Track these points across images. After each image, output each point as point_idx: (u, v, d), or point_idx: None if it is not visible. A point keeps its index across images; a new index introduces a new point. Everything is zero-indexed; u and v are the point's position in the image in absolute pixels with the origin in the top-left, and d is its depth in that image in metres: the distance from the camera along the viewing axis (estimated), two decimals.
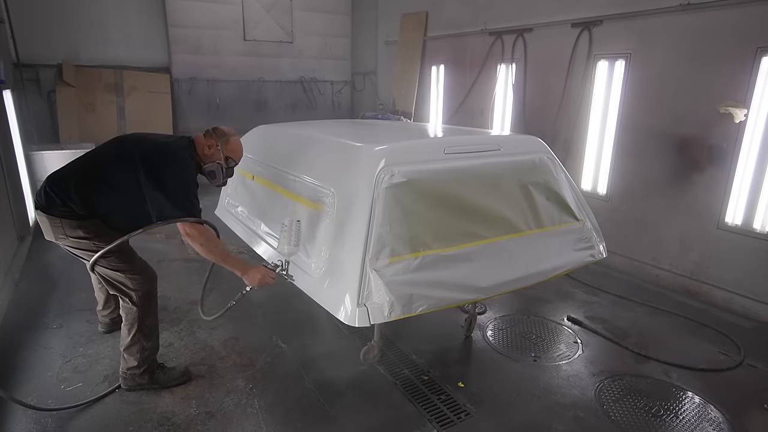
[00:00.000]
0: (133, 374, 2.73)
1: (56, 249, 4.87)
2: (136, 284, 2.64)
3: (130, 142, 2.65)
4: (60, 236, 2.54)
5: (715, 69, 3.82)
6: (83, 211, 2.50)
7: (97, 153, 2.67)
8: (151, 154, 2.50)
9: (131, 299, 2.64)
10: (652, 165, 4.35)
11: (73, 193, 2.47)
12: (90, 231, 2.54)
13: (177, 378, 2.84)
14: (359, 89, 8.59)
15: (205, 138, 2.73)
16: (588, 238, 3.10)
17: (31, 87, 6.02)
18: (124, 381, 2.75)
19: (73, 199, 2.48)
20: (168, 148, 2.59)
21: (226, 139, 2.75)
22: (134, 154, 2.48)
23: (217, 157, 2.74)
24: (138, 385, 2.75)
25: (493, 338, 3.46)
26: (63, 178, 2.52)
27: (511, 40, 5.65)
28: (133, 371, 2.72)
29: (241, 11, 7.14)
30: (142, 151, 2.50)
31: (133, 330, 2.66)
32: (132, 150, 2.52)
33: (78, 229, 2.52)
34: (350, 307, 2.28)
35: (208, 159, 2.73)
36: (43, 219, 2.52)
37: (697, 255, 4.10)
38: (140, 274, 2.68)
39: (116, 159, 2.55)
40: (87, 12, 6.28)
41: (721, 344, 3.43)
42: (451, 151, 2.71)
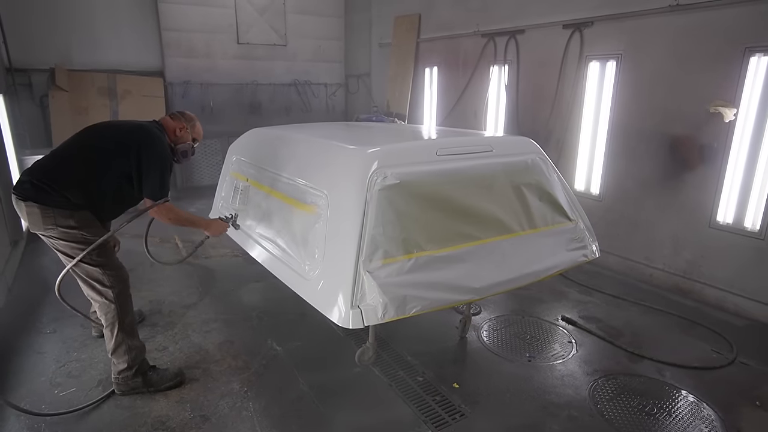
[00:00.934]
0: (126, 377, 2.72)
1: (50, 253, 4.85)
2: (113, 281, 2.66)
3: (120, 130, 2.78)
4: (49, 227, 2.54)
5: (705, 69, 3.85)
6: (80, 200, 2.57)
7: (86, 142, 2.70)
8: (147, 142, 2.68)
9: (107, 297, 2.65)
10: (645, 165, 4.38)
11: (71, 182, 2.54)
12: (80, 221, 2.58)
13: (171, 379, 2.84)
14: (353, 91, 8.60)
15: (174, 121, 2.98)
16: (581, 238, 3.12)
17: (23, 92, 5.99)
18: (118, 386, 2.74)
19: (70, 189, 2.53)
20: (153, 134, 2.76)
21: (193, 123, 3.07)
22: (131, 143, 2.64)
23: (188, 138, 3.02)
24: (132, 389, 2.74)
25: (488, 339, 3.47)
26: (56, 169, 2.57)
27: (503, 41, 5.68)
28: (124, 374, 2.72)
29: (235, 15, 7.14)
30: (138, 139, 2.67)
31: (115, 330, 2.67)
32: (128, 138, 2.67)
33: (69, 219, 2.55)
34: (344, 309, 2.29)
35: (179, 140, 2.97)
36: (33, 209, 2.51)
37: (690, 254, 4.13)
38: (116, 271, 2.70)
39: (116, 147, 2.65)
40: (80, 16, 6.26)
41: (713, 342, 3.46)
42: (444, 153, 2.72)
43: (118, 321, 2.67)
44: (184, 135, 2.99)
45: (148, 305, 3.85)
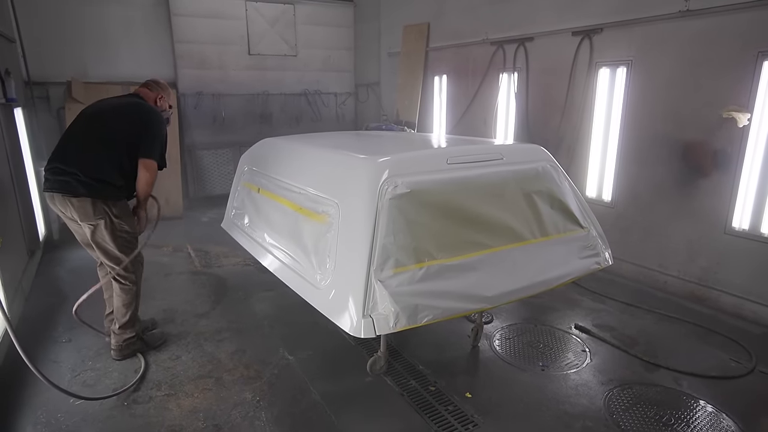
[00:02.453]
0: (130, 343, 3.22)
1: (66, 262, 4.96)
2: (137, 271, 3.17)
3: (122, 113, 3.06)
4: (99, 216, 2.92)
5: (717, 74, 3.82)
6: (121, 181, 2.98)
7: (100, 133, 2.98)
8: (150, 117, 3.06)
9: (131, 281, 3.12)
10: (657, 170, 4.34)
11: (110, 172, 2.91)
12: (120, 210, 3.01)
13: (159, 339, 3.41)
14: (363, 100, 8.65)
15: (152, 92, 3.24)
16: (593, 245, 3.10)
17: (41, 104, 6.12)
18: (121, 350, 3.19)
19: (111, 177, 2.92)
20: (151, 109, 3.12)
21: (168, 91, 3.34)
22: (137, 117, 3.02)
23: (166, 106, 3.29)
24: (133, 351, 3.23)
25: (501, 348, 3.45)
26: (93, 165, 2.89)
27: (512, 49, 5.68)
28: (130, 340, 3.22)
29: (246, 26, 7.24)
30: (141, 114, 3.04)
31: (130, 309, 3.15)
32: (133, 117, 3.03)
33: (114, 208, 2.96)
34: (356, 318, 2.29)
35: (159, 108, 3.22)
36: (84, 203, 2.88)
37: (705, 260, 4.07)
38: (140, 265, 3.21)
39: (128, 128, 2.99)
40: (95, 30, 6.39)
41: (731, 351, 3.39)
42: (454, 161, 2.73)
43: (130, 308, 3.15)
44: (163, 103, 3.26)
45: (162, 314, 3.88)
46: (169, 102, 3.34)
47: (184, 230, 6.24)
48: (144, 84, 3.27)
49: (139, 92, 3.22)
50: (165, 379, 3.02)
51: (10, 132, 4.36)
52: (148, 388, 2.92)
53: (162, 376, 3.05)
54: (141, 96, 3.19)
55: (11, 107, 4.45)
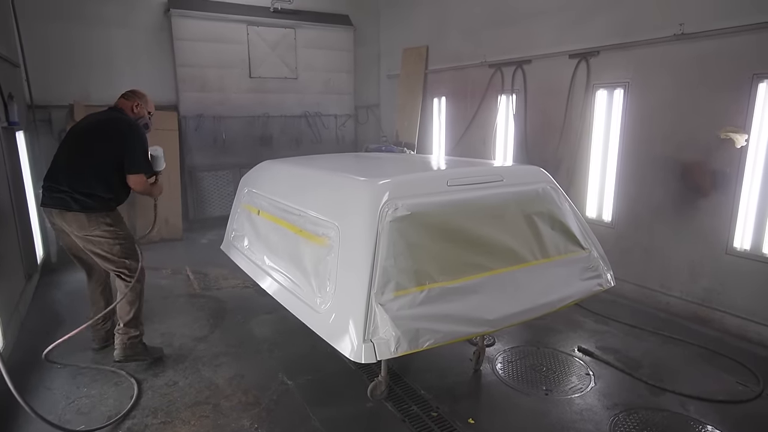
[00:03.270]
0: (133, 342, 3.34)
1: (63, 286, 4.92)
2: (140, 276, 3.32)
3: (103, 130, 3.26)
4: (93, 227, 3.16)
5: (714, 96, 3.86)
6: (109, 194, 3.21)
7: (86, 150, 3.20)
8: (129, 130, 3.26)
9: (134, 288, 3.30)
10: (656, 191, 4.35)
11: (97, 185, 3.14)
12: (114, 219, 3.26)
13: (158, 353, 3.50)
14: (362, 122, 8.72)
15: (129, 101, 3.43)
16: (595, 266, 3.07)
17: (43, 127, 6.15)
18: (125, 350, 3.31)
19: (99, 190, 3.14)
20: (130, 122, 3.32)
21: (145, 98, 3.51)
22: (117, 135, 3.21)
23: (144, 113, 3.47)
24: (135, 354, 3.35)
25: (503, 371, 3.39)
26: (83, 181, 3.12)
27: (510, 71, 5.76)
28: (135, 339, 3.34)
29: (247, 50, 7.34)
30: (118, 130, 3.23)
31: (134, 308, 3.32)
32: (113, 133, 3.22)
33: (107, 218, 3.21)
34: (356, 343, 2.25)
35: (137, 115, 3.43)
36: (79, 216, 3.13)
37: (708, 281, 4.04)
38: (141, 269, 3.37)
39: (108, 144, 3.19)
40: (99, 54, 6.48)
41: (738, 374, 3.34)
42: (455, 183, 2.72)
43: (134, 309, 3.33)
44: (141, 110, 3.46)
45: (159, 338, 3.83)
46: (147, 108, 3.51)
47: (184, 252, 6.21)
48: (122, 95, 3.48)
49: (118, 104, 3.45)
50: (161, 406, 2.95)
51: (12, 155, 4.37)
52: (143, 415, 2.86)
53: (158, 402, 2.99)
54: (120, 107, 3.42)
55: (13, 131, 4.47)
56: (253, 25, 7.31)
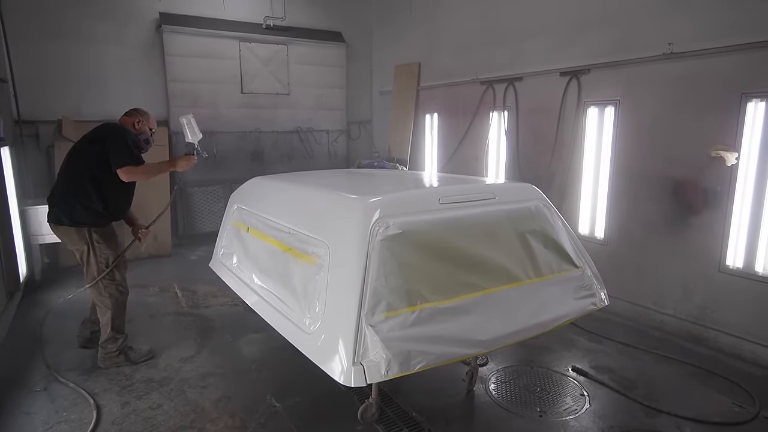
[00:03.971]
0: (111, 356, 3.52)
1: (47, 305, 4.80)
2: (113, 292, 3.46)
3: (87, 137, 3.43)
4: (82, 242, 3.36)
5: (703, 114, 3.89)
6: (99, 206, 3.34)
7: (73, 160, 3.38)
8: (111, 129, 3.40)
9: (105, 304, 3.44)
10: (648, 208, 4.35)
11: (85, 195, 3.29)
12: (103, 235, 3.40)
13: (144, 356, 3.65)
14: (355, 138, 8.73)
15: (131, 117, 3.56)
16: (588, 285, 3.04)
17: (30, 142, 6.07)
18: (104, 361, 3.50)
19: (88, 200, 3.29)
20: (115, 125, 3.47)
21: (147, 115, 3.63)
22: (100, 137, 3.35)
23: (145, 129, 3.58)
24: (115, 364, 3.52)
25: (496, 392, 3.33)
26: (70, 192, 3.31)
27: (502, 88, 5.79)
28: (111, 354, 3.52)
29: (239, 66, 7.34)
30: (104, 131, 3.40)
31: (108, 328, 3.47)
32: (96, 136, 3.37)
33: (95, 234, 3.36)
34: (346, 366, 2.19)
35: (140, 132, 3.53)
36: (69, 230, 3.33)
37: (701, 299, 4.02)
38: (117, 287, 3.48)
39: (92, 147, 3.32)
40: (89, 69, 6.44)
41: (733, 394, 3.30)
42: (447, 201, 2.69)
43: (111, 323, 3.46)
44: (142, 126, 3.56)
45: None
46: (148, 125, 3.62)
47: (172, 269, 6.11)
48: (125, 113, 3.61)
49: (120, 120, 3.58)
50: (144, 431, 2.85)
51: None
52: None
53: (140, 427, 2.89)
54: (121, 123, 3.54)
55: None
56: (246, 41, 7.32)
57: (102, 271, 3.38)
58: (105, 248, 3.38)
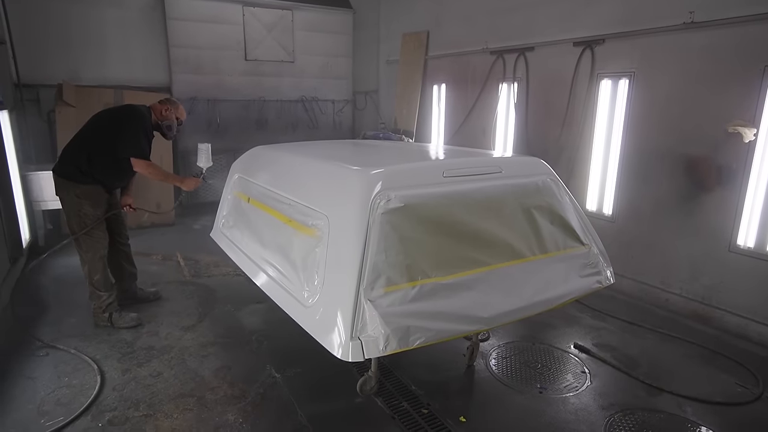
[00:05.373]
0: (96, 314, 3.68)
1: (50, 270, 4.82)
2: (88, 247, 3.58)
3: (112, 110, 3.71)
4: (59, 194, 3.57)
5: (722, 88, 3.72)
6: (87, 167, 3.49)
7: (90, 124, 3.61)
8: (127, 112, 3.62)
9: (83, 258, 3.62)
10: (659, 185, 4.23)
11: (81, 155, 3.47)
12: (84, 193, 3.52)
13: (128, 323, 3.70)
14: (360, 108, 8.56)
15: (161, 104, 3.77)
16: (594, 263, 2.97)
17: (31, 107, 5.99)
18: (93, 317, 3.71)
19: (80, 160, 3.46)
20: (135, 109, 3.65)
21: (177, 105, 3.84)
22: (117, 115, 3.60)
23: (172, 117, 3.79)
24: (102, 322, 3.68)
25: (497, 368, 3.31)
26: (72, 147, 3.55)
27: (512, 59, 5.59)
28: (97, 311, 3.68)
29: (243, 32, 7.14)
30: (122, 111, 3.64)
31: (87, 282, 3.64)
32: (115, 113, 3.64)
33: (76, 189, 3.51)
34: (343, 340, 2.16)
35: (165, 119, 3.76)
36: (55, 179, 3.55)
37: (709, 279, 3.94)
38: (94, 242, 3.59)
39: (107, 123, 3.56)
40: (89, 33, 6.28)
41: (737, 375, 3.26)
42: (451, 174, 2.61)
43: (88, 277, 3.62)
44: (169, 114, 3.76)
45: (146, 326, 3.74)
46: (176, 114, 3.81)
47: (175, 238, 6.10)
48: (159, 100, 3.82)
49: (150, 105, 3.78)
50: (144, 398, 2.87)
51: None
52: (125, 407, 2.78)
53: (141, 394, 2.91)
54: (150, 106, 3.76)
55: None
56: (249, 5, 7.10)
57: (84, 226, 3.52)
58: (87, 206, 3.51)
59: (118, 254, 3.93)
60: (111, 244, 3.80)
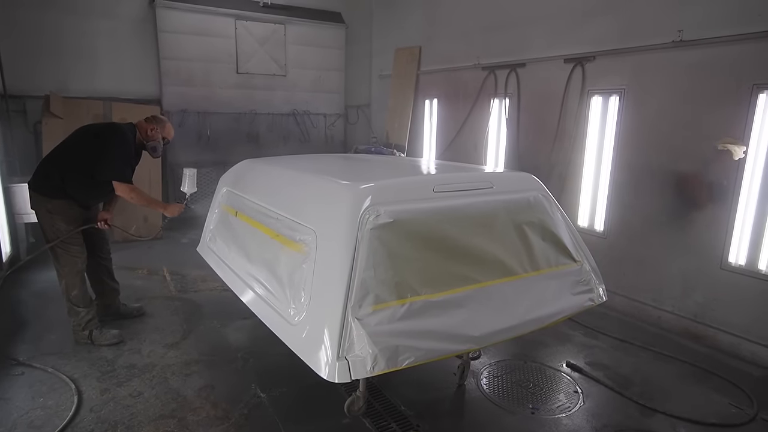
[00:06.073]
0: (76, 331, 3.56)
1: (30, 284, 4.69)
2: (64, 262, 3.47)
3: (93, 127, 3.59)
4: (33, 208, 3.47)
5: (712, 105, 3.74)
6: (58, 182, 3.38)
7: (69, 139, 3.50)
8: (109, 133, 3.45)
9: (59, 272, 3.51)
10: (651, 201, 4.23)
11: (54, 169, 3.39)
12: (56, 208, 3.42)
13: (109, 340, 3.59)
14: (352, 122, 8.55)
15: (147, 123, 3.64)
16: (587, 280, 2.93)
17: (17, 118, 5.90)
18: (74, 335, 3.58)
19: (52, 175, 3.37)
20: (117, 129, 3.49)
21: (163, 124, 3.70)
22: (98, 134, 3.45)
23: (157, 137, 3.66)
24: (81, 340, 3.55)
25: (488, 387, 3.24)
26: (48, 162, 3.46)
27: (504, 74, 5.62)
28: (75, 329, 3.56)
29: (235, 45, 7.14)
30: (103, 131, 3.48)
31: (64, 298, 3.52)
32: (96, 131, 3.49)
33: (48, 204, 3.41)
34: (330, 360, 2.09)
35: (150, 138, 3.63)
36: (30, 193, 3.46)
37: (701, 296, 3.92)
38: (70, 257, 3.48)
39: (85, 139, 3.44)
40: (79, 44, 6.24)
41: (731, 395, 3.22)
42: (441, 189, 2.57)
43: (65, 293, 3.50)
44: (155, 134, 3.64)
45: (129, 344, 3.62)
46: (162, 134, 3.68)
47: (162, 252, 5.98)
48: (145, 117, 3.70)
49: (136, 123, 3.65)
50: (122, 419, 2.76)
51: None
52: (101, 430, 2.66)
53: (119, 415, 2.79)
54: (135, 125, 3.63)
55: None
56: (242, 19, 7.11)
57: (55, 240, 3.43)
58: (60, 221, 3.41)
59: (99, 269, 3.83)
60: (91, 259, 3.71)
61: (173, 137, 3.87)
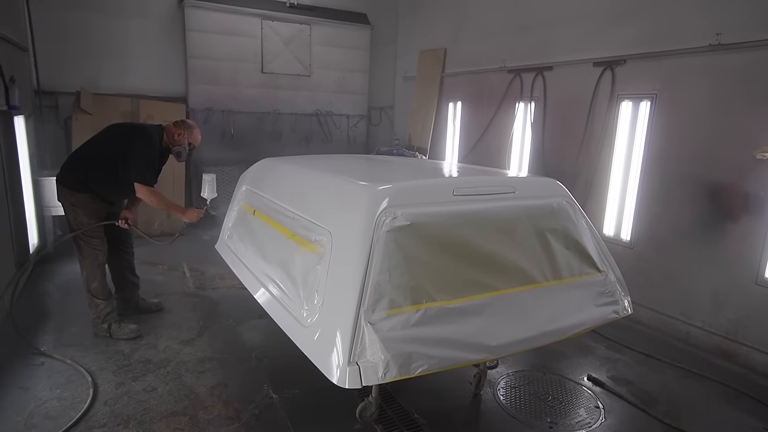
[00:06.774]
0: (95, 323, 3.61)
1: (56, 276, 4.79)
2: (86, 254, 3.53)
3: (123, 127, 3.67)
4: (59, 201, 3.58)
5: (749, 112, 3.57)
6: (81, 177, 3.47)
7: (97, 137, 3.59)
8: (136, 134, 3.50)
9: (81, 264, 3.57)
10: (681, 211, 4.06)
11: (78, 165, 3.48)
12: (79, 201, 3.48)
13: (127, 334, 3.61)
14: (375, 124, 8.52)
15: (175, 127, 3.67)
16: (611, 291, 2.81)
17: (49, 113, 6.06)
18: (92, 327, 3.63)
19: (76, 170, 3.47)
20: (145, 131, 3.53)
21: (191, 130, 3.72)
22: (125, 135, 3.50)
23: (184, 142, 3.68)
24: (100, 332, 3.60)
25: (505, 398, 3.14)
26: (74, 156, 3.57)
27: (530, 78, 5.50)
28: (94, 321, 3.61)
29: (261, 44, 7.19)
30: (131, 132, 3.54)
31: (85, 289, 3.58)
32: (125, 132, 3.55)
33: (71, 197, 3.50)
34: (341, 365, 2.04)
35: (176, 143, 3.66)
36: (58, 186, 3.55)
37: (734, 312, 3.73)
38: (92, 249, 3.54)
39: (113, 138, 3.52)
40: (109, 42, 6.37)
41: (764, 418, 3.04)
42: (461, 193, 2.49)
43: (86, 285, 3.56)
44: (181, 139, 3.66)
45: (145, 338, 3.65)
46: (189, 139, 3.69)
47: (183, 248, 6.03)
48: (173, 122, 3.72)
49: (165, 125, 3.69)
50: (135, 414, 2.76)
51: (8, 140, 4.25)
52: (114, 424, 2.67)
53: (132, 410, 2.80)
54: (164, 128, 3.67)
55: (11, 115, 4.35)
56: (268, 19, 7.15)
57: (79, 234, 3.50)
58: (82, 215, 3.46)
59: (121, 263, 3.88)
60: (114, 253, 3.76)
61: (200, 142, 3.85)
